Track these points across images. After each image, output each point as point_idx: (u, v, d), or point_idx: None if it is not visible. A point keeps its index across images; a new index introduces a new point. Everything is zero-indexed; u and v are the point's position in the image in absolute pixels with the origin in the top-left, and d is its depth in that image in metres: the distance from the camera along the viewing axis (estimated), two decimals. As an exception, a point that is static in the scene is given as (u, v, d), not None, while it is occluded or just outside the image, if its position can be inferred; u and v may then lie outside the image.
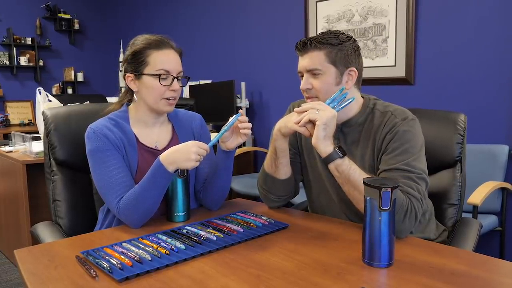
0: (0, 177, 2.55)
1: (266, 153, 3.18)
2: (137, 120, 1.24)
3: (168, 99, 1.19)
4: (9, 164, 2.40)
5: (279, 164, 1.18)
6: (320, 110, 0.99)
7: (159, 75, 1.16)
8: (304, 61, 1.11)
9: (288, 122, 1.08)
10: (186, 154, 1.05)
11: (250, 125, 1.12)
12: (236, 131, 1.15)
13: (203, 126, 1.34)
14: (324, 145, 1.02)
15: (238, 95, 3.55)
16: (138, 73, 1.19)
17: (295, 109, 1.03)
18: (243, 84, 3.53)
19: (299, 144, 1.27)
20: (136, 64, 1.19)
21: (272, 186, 1.22)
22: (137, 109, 1.24)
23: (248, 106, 3.58)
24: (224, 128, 1.10)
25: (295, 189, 1.28)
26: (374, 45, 2.70)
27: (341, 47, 1.10)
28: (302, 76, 1.13)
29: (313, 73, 1.10)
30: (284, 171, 1.20)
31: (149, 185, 1.09)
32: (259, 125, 3.60)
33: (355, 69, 1.12)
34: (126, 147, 1.20)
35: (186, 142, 1.08)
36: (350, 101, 1.07)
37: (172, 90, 1.18)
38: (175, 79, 1.18)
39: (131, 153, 1.19)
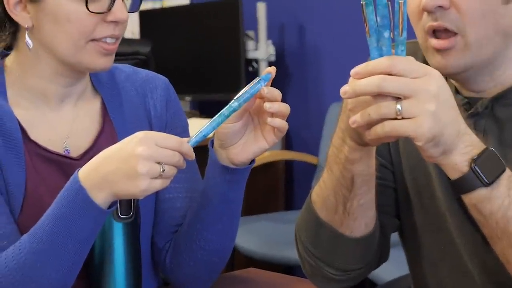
0: None
1: (313, 167, 3.33)
2: (25, 90, 1.28)
3: (105, 42, 1.23)
4: None
5: (356, 207, 1.19)
6: (404, 100, 0.96)
7: None
8: None
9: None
10: (127, 163, 1.06)
11: (287, 108, 1.15)
12: (259, 124, 1.19)
13: (172, 102, 1.39)
14: (450, 158, 1.03)
15: (250, 33, 3.56)
16: None
17: (350, 79, 1.01)
18: (261, 6, 3.48)
19: (392, 152, 1.30)
20: None
21: (334, 249, 1.24)
22: (26, 66, 1.27)
23: (273, 60, 3.50)
24: (229, 107, 1.13)
25: (381, 253, 1.30)
26: None
27: None
28: None
29: None
30: (363, 220, 1.22)
31: (53, 237, 1.10)
32: (297, 104, 3.49)
33: None
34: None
35: (128, 137, 1.09)
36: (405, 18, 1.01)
37: (111, 21, 1.22)
38: None
39: (10, 163, 1.22)
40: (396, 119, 0.98)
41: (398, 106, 0.98)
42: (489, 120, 1.21)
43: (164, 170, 1.08)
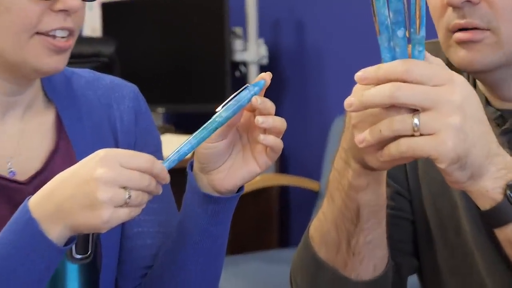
0: None
1: (314, 194, 3.41)
2: None
3: (54, 37, 1.26)
4: None
5: (362, 245, 1.23)
6: (423, 113, 0.99)
7: None
8: None
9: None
10: (85, 188, 1.08)
11: (282, 123, 1.18)
12: (248, 143, 1.23)
13: (142, 114, 1.44)
14: (479, 184, 1.04)
15: (238, 30, 3.63)
16: None
17: (354, 88, 1.05)
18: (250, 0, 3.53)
19: (409, 177, 1.35)
20: None
21: None
22: None
23: (266, 63, 3.59)
24: (212, 121, 1.16)
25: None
26: None
27: None
28: None
29: None
30: (372, 261, 1.25)
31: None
32: (295, 118, 3.60)
33: None
34: None
35: (88, 157, 1.12)
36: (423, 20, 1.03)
37: (61, 10, 1.25)
38: None
39: None
40: (413, 135, 0.99)
41: (416, 120, 0.98)
42: None
43: (130, 197, 1.08)
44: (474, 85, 1.29)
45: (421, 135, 0.99)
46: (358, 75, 1.02)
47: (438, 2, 1.20)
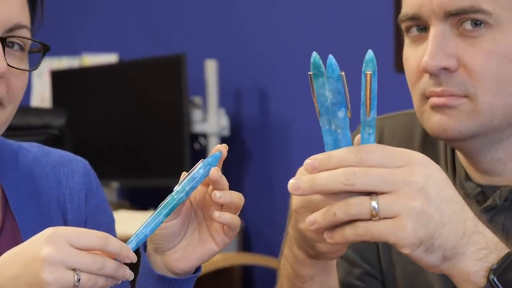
0: None
1: (273, 272, 3.26)
2: None
3: None
4: None
5: None
6: (382, 196, 0.98)
7: None
8: None
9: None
10: (30, 269, 1.06)
11: (240, 198, 1.18)
12: (204, 220, 1.22)
13: (93, 191, 1.45)
14: (458, 267, 1.03)
15: (197, 100, 3.66)
16: None
17: (299, 170, 1.03)
18: (210, 64, 3.58)
19: (382, 259, 1.36)
20: None
21: None
22: None
23: (227, 134, 3.62)
24: (171, 199, 1.15)
25: None
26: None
27: None
28: (413, 30, 1.25)
29: (470, 19, 1.19)
30: None
31: None
32: (258, 193, 3.67)
33: None
34: None
35: (35, 236, 1.09)
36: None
37: None
38: None
39: None
40: (370, 219, 0.99)
41: (374, 204, 0.97)
42: (510, 215, 1.22)
43: (80, 280, 1.06)
44: (453, 156, 1.30)
45: (379, 219, 0.98)
46: (308, 163, 1.00)
47: (414, 68, 1.21)
